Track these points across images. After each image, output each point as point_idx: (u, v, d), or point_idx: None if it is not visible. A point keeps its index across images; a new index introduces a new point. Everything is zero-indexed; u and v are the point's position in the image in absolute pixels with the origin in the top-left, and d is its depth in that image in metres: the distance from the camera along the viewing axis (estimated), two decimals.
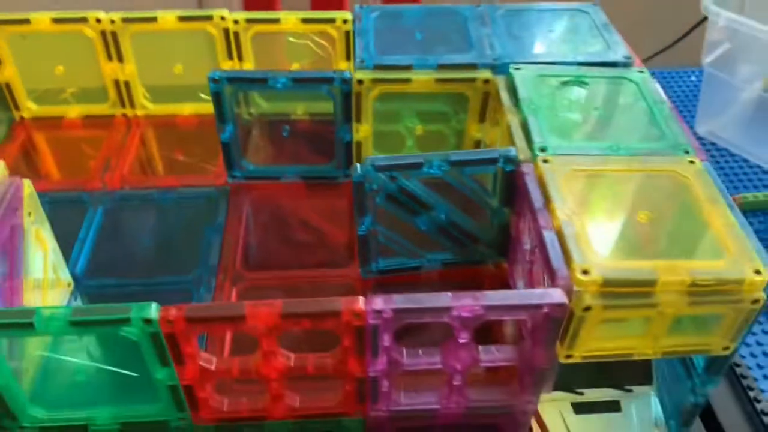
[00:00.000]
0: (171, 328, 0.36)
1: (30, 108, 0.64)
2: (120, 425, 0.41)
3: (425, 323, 0.37)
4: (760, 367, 0.57)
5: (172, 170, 0.62)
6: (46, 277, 0.46)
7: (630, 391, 0.48)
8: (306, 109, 0.66)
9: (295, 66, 0.63)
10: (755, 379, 0.55)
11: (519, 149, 0.45)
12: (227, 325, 0.36)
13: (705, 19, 1.24)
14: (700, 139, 0.82)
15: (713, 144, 0.82)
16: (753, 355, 0.58)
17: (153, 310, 0.35)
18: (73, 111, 0.65)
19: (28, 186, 0.43)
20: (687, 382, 0.45)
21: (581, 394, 0.48)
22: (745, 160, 0.79)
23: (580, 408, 0.47)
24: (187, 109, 0.65)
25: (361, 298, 0.36)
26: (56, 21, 0.59)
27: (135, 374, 0.40)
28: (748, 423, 0.53)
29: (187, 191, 0.57)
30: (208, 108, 0.65)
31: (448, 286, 0.51)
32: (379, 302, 0.36)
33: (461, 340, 0.38)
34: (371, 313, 0.36)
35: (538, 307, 0.36)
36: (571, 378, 0.48)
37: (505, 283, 0.51)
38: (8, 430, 0.41)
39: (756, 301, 0.37)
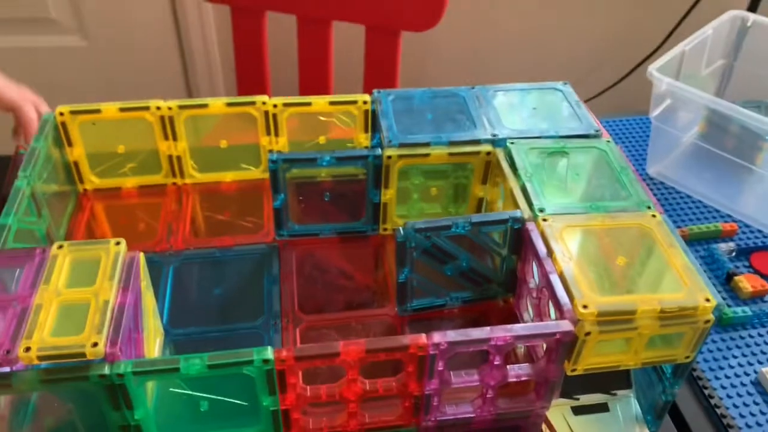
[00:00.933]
0: (282, 366, 0.47)
1: (93, 181, 0.74)
2: None
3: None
4: (711, 369, 0.71)
5: (219, 229, 0.73)
6: (151, 329, 0.57)
7: (614, 394, 0.61)
8: (328, 173, 0.78)
9: (321, 139, 0.75)
10: (708, 380, 0.69)
11: (522, 210, 0.58)
12: (325, 361, 0.48)
13: (638, 66, 1.42)
14: (651, 179, 0.97)
15: (662, 183, 0.97)
16: (705, 361, 0.72)
17: (269, 353, 0.47)
18: (130, 182, 0.75)
19: (142, 257, 0.54)
20: (659, 385, 0.59)
21: (577, 399, 0.61)
22: (689, 197, 0.94)
23: (577, 410, 0.60)
24: (228, 176, 0.77)
25: (423, 335, 0.48)
26: (123, 110, 0.69)
27: (241, 403, 0.51)
28: (704, 414, 0.67)
29: (243, 249, 0.69)
30: (246, 175, 0.77)
31: (467, 319, 0.64)
32: (437, 337, 0.48)
33: (496, 362, 0.50)
34: (431, 346, 0.48)
35: (553, 334, 0.49)
36: (570, 387, 0.60)
37: (512, 315, 0.64)
38: None
39: (707, 321, 0.51)
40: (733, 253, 0.84)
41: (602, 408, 0.61)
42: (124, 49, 1.59)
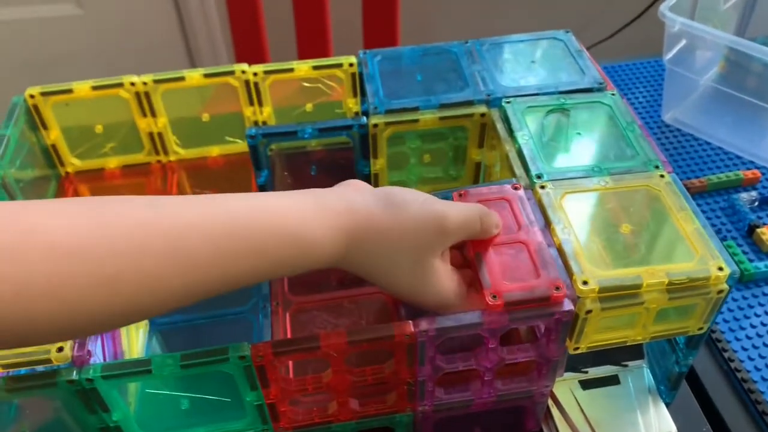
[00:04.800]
0: (261, 362, 0.44)
1: (74, 163, 0.71)
2: None
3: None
4: (731, 330, 0.67)
5: None
6: None
7: (626, 366, 0.58)
8: (319, 141, 0.74)
9: (308, 106, 0.71)
10: (728, 342, 0.65)
11: (519, 177, 0.54)
12: (306, 354, 0.45)
13: (647, 9, 1.33)
14: (666, 126, 0.92)
15: (678, 130, 0.91)
16: (725, 321, 0.67)
17: (246, 348, 0.44)
18: (112, 162, 0.72)
19: None
20: (672, 356, 0.55)
21: (586, 372, 0.57)
22: (708, 143, 0.88)
23: (586, 384, 0.57)
24: (214, 151, 0.73)
25: (410, 322, 0.45)
26: (95, 88, 0.66)
27: (225, 399, 0.49)
28: (724, 380, 0.63)
29: None
30: (233, 148, 0.73)
31: None
32: (424, 323, 0.45)
33: (491, 346, 0.47)
34: (419, 333, 0.45)
35: (551, 314, 0.45)
36: (577, 360, 0.57)
37: None
38: None
39: (721, 291, 0.47)
40: (756, 203, 0.79)
41: (612, 380, 0.57)
42: (121, 17, 1.54)
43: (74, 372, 0.43)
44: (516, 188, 0.51)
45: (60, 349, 0.42)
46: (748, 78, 0.82)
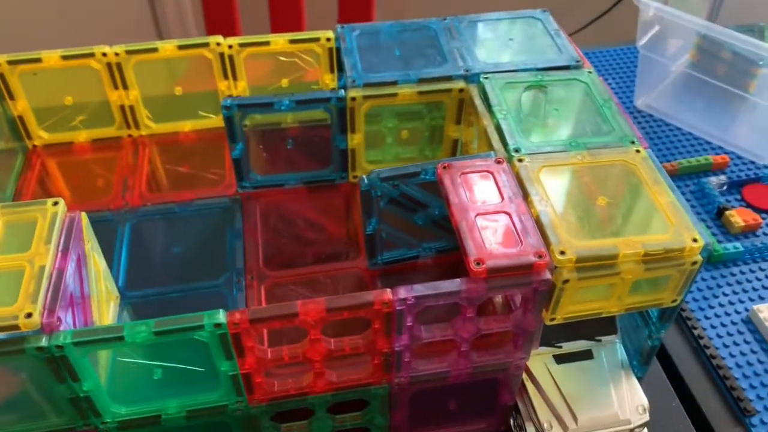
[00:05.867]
0: (237, 329, 0.44)
1: (42, 136, 0.69)
2: (187, 412, 0.49)
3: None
4: (701, 309, 0.68)
5: (178, 182, 0.69)
6: (101, 293, 0.53)
7: (599, 341, 0.58)
8: (295, 118, 0.73)
9: (284, 81, 0.70)
10: (698, 320, 0.67)
11: (497, 151, 0.54)
12: (283, 322, 0.44)
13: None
14: (639, 111, 0.93)
15: (650, 116, 0.92)
16: (695, 300, 0.69)
17: (222, 316, 0.43)
18: (82, 135, 0.70)
19: (84, 218, 0.50)
20: (645, 330, 0.56)
21: (560, 347, 0.58)
22: (679, 129, 0.90)
23: (560, 359, 0.57)
24: (187, 126, 0.72)
25: (388, 290, 0.45)
26: (65, 57, 0.64)
27: (198, 369, 0.48)
28: (693, 355, 0.64)
29: (203, 203, 0.64)
30: (206, 123, 0.72)
31: (442, 269, 0.61)
32: (402, 291, 0.45)
33: (468, 315, 0.47)
34: (397, 301, 0.44)
35: (528, 283, 0.45)
36: (551, 335, 0.57)
37: None
38: (92, 426, 0.48)
39: (695, 263, 0.47)
40: (725, 187, 0.80)
41: (587, 355, 0.58)
42: None
43: (43, 338, 0.42)
44: (499, 162, 0.51)
45: (29, 315, 0.41)
46: (718, 65, 0.84)
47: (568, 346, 0.58)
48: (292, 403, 0.51)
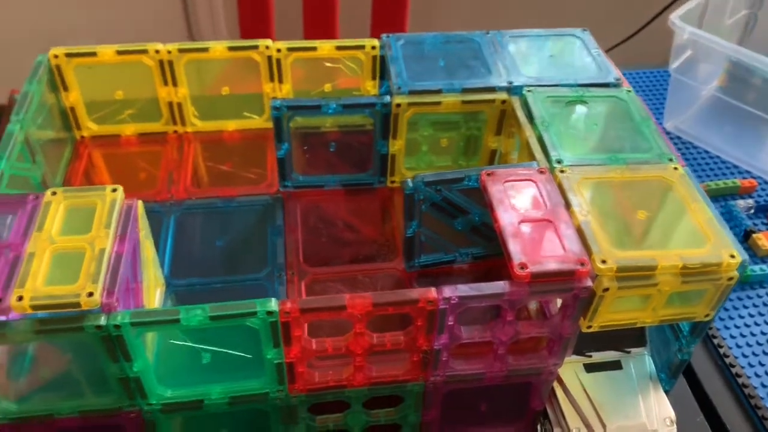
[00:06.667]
0: (287, 318, 0.45)
1: (90, 128, 0.72)
2: (229, 398, 0.51)
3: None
4: (726, 328, 0.69)
5: (221, 179, 0.71)
6: (150, 279, 0.55)
7: (628, 352, 0.60)
8: (334, 122, 0.75)
9: (327, 86, 0.72)
10: (723, 339, 0.68)
11: (539, 161, 0.56)
12: (331, 314, 0.46)
13: (656, 17, 1.36)
14: (667, 133, 0.94)
15: (679, 138, 0.94)
16: (721, 319, 0.70)
17: (274, 304, 0.45)
18: (129, 129, 0.72)
19: (140, 206, 0.52)
20: (675, 343, 0.57)
21: (590, 356, 0.59)
22: (707, 152, 0.91)
23: (590, 368, 0.58)
24: (231, 125, 0.74)
25: (433, 289, 0.46)
26: (120, 53, 0.66)
27: (244, 355, 0.50)
28: (719, 374, 0.65)
29: (246, 199, 0.66)
30: (249, 124, 0.74)
31: (476, 275, 0.62)
32: (447, 291, 0.46)
33: (508, 318, 0.48)
34: (442, 300, 0.46)
35: (570, 289, 0.47)
36: (582, 344, 0.58)
37: None
38: (137, 407, 0.50)
39: (731, 279, 0.49)
40: (752, 210, 0.81)
41: (615, 365, 0.59)
42: None
43: (102, 317, 0.43)
44: (542, 172, 0.53)
45: (90, 294, 0.43)
46: (749, 90, 0.85)
47: (598, 356, 0.59)
48: (330, 395, 0.52)
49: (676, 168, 0.55)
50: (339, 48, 0.69)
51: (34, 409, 0.49)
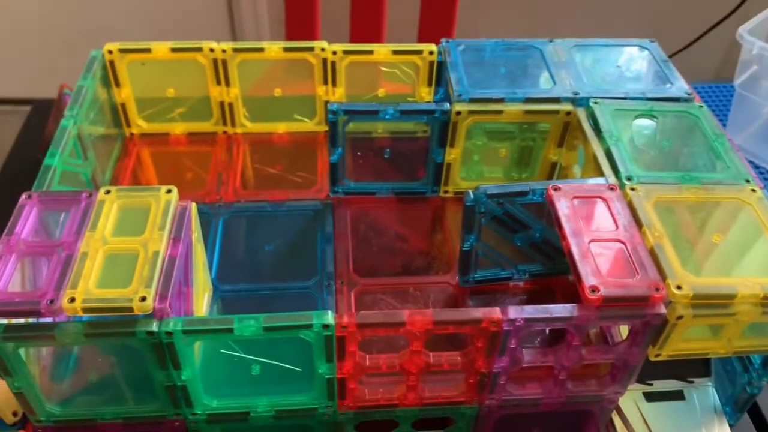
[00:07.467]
0: (343, 332, 0.43)
1: (140, 125, 0.71)
2: (276, 412, 0.49)
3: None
4: None
5: (270, 182, 0.69)
6: (200, 284, 0.53)
7: (692, 382, 0.57)
8: (385, 128, 0.73)
9: (381, 91, 0.70)
10: None
11: (607, 177, 0.53)
12: (389, 330, 0.44)
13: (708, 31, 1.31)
14: None
15: None
16: None
17: (330, 317, 0.43)
18: (179, 128, 0.71)
19: (194, 208, 0.50)
20: (744, 376, 0.53)
21: (651, 384, 0.56)
22: None
23: (650, 397, 0.56)
24: (281, 127, 0.72)
25: (498, 309, 0.44)
26: (174, 50, 0.65)
27: (295, 368, 0.48)
28: None
29: (295, 204, 0.65)
30: (300, 127, 0.73)
31: (533, 294, 0.59)
32: (512, 312, 0.44)
33: (574, 343, 0.46)
34: (506, 321, 0.44)
35: (641, 316, 0.44)
36: (643, 372, 0.56)
37: (577, 293, 0.59)
38: (182, 416, 0.48)
39: None
40: None
41: (677, 396, 0.56)
42: None
43: (154, 323, 0.42)
44: (612, 188, 0.50)
45: (143, 299, 0.41)
46: None
47: (660, 385, 0.56)
48: (380, 413, 0.50)
49: (753, 190, 0.52)
50: (395, 52, 0.67)
51: (78, 413, 0.47)
